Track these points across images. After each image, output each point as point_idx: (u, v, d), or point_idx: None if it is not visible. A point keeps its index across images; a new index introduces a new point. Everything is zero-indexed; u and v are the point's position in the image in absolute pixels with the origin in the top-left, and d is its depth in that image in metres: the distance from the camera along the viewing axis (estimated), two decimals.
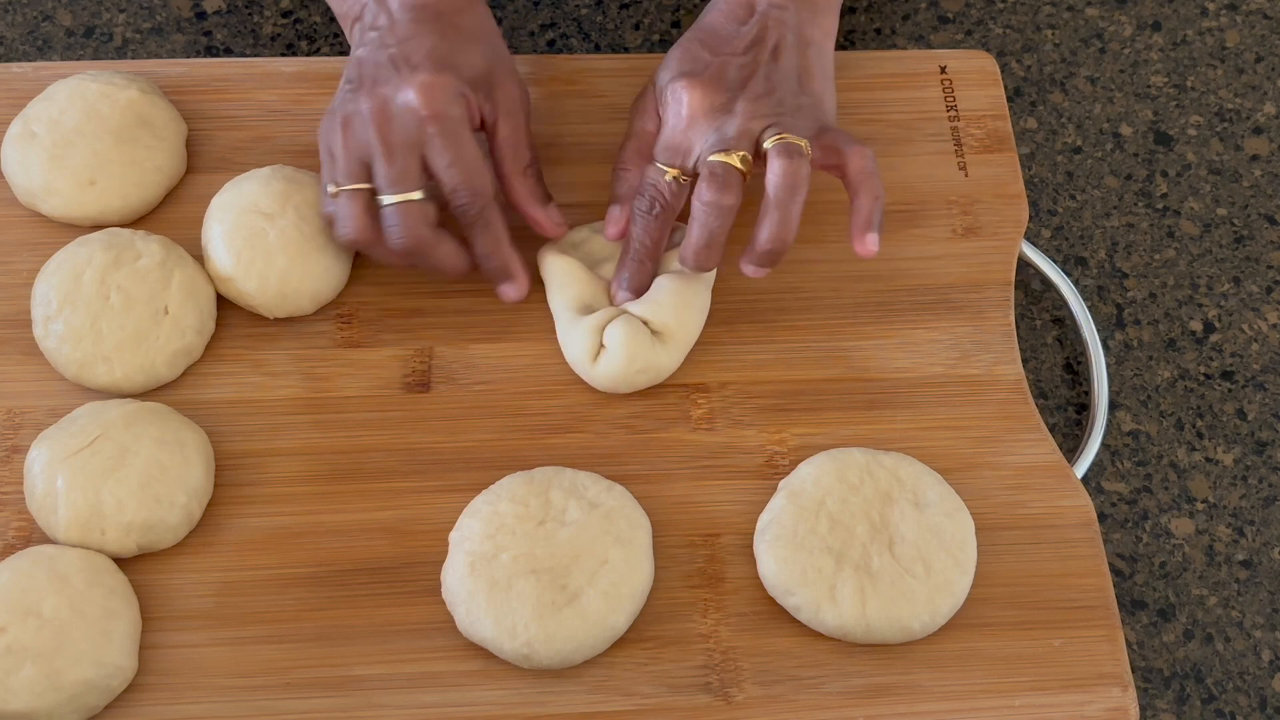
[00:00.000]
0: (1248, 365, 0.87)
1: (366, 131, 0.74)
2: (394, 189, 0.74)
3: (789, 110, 0.76)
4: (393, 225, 0.75)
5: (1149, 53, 0.98)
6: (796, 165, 0.74)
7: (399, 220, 0.75)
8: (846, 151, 0.76)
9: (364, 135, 0.75)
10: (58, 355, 0.77)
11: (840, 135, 0.77)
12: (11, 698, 0.68)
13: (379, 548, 0.75)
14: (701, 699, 0.71)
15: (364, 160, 0.75)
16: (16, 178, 0.82)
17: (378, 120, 0.74)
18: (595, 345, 0.77)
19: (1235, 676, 0.78)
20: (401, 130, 0.74)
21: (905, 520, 0.74)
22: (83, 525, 0.72)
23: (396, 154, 0.74)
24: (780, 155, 0.74)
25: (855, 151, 0.76)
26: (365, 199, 0.75)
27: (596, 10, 0.98)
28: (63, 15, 0.95)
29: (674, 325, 0.78)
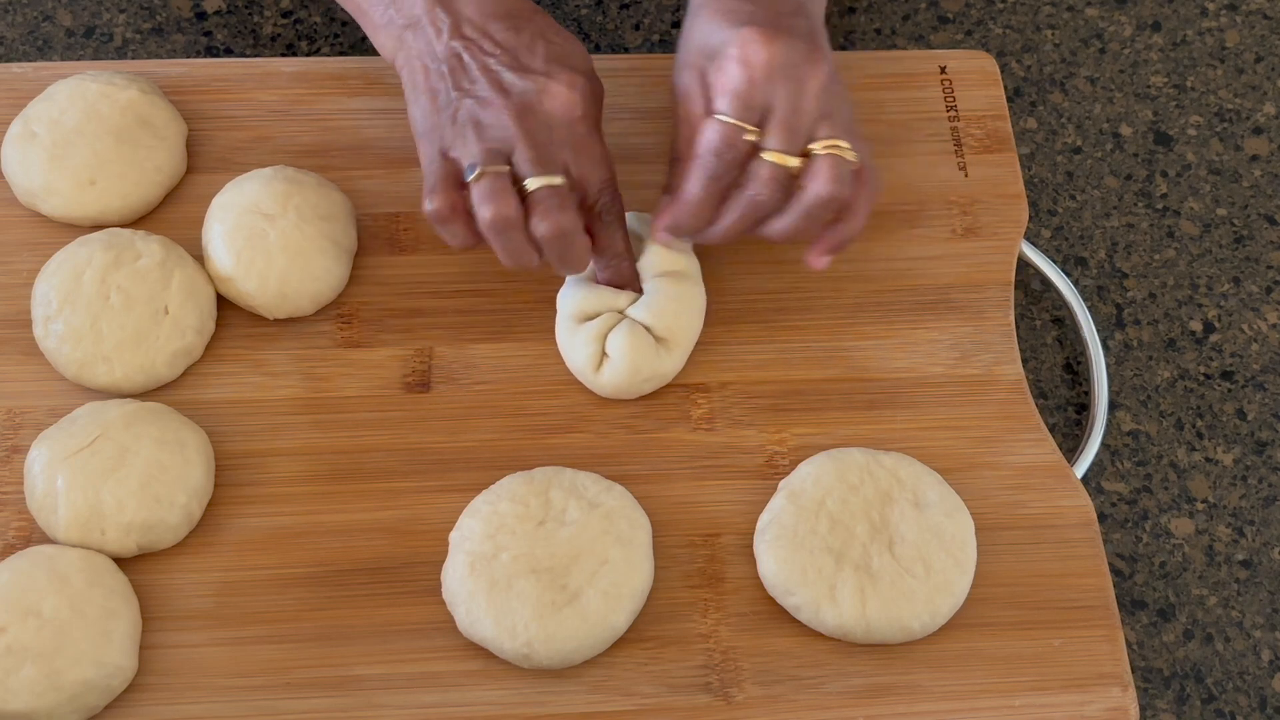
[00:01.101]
0: (1248, 365, 0.87)
1: (505, 127, 0.72)
2: (540, 171, 0.72)
3: (838, 94, 0.74)
4: (543, 207, 0.72)
5: (1149, 53, 0.98)
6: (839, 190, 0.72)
7: (553, 204, 0.72)
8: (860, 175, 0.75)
9: (502, 132, 0.72)
10: (58, 355, 0.77)
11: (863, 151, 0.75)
12: (11, 698, 0.68)
13: (379, 548, 0.75)
14: (701, 699, 0.71)
15: (502, 151, 0.73)
16: (16, 178, 0.82)
17: (518, 115, 0.72)
18: (598, 353, 0.77)
19: (1235, 676, 0.78)
20: (545, 126, 0.73)
21: (905, 520, 0.74)
22: (83, 525, 0.72)
23: (540, 142, 0.72)
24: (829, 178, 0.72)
25: (866, 179, 0.75)
26: (509, 181, 0.72)
27: (596, 10, 0.98)
28: (63, 15, 0.95)
29: (676, 330, 0.78)
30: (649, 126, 0.87)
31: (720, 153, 0.73)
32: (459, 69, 0.74)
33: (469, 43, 0.74)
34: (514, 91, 0.73)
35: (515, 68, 0.73)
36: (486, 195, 0.72)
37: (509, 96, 0.73)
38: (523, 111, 0.72)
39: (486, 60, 0.74)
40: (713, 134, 0.73)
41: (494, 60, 0.74)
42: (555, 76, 0.73)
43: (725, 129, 0.72)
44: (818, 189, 0.72)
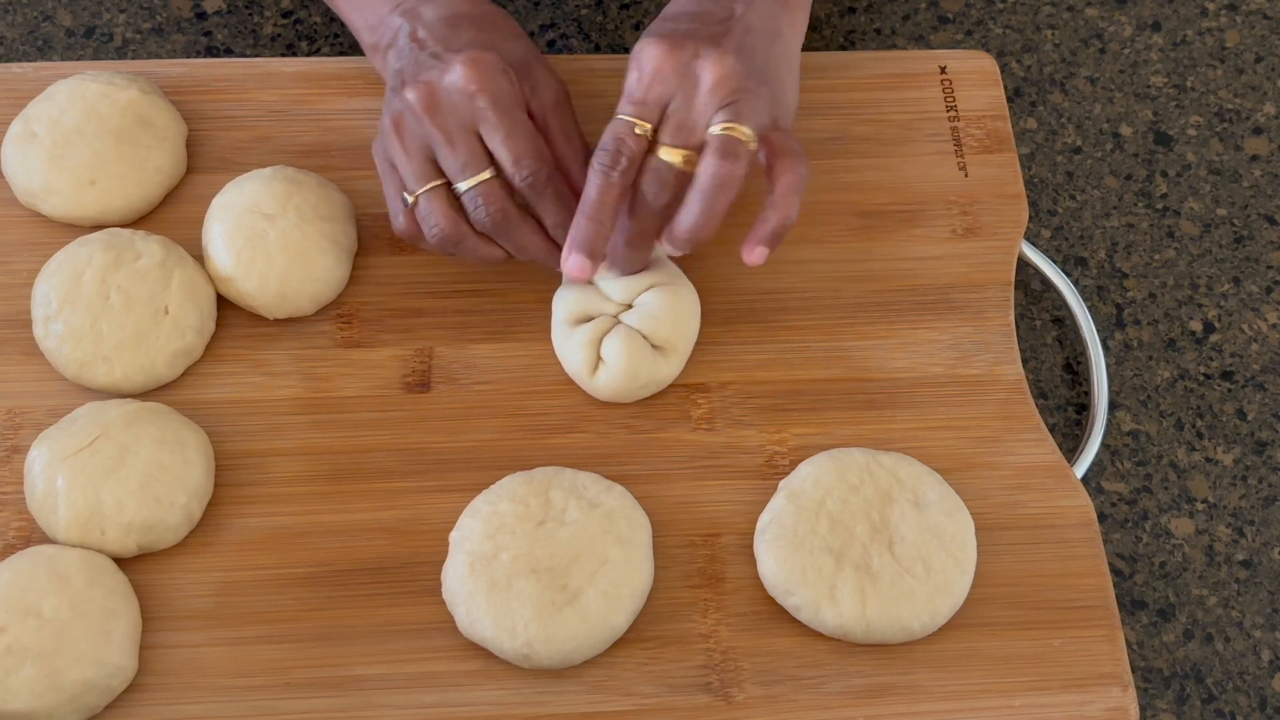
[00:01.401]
0: (1248, 365, 0.87)
1: (420, 125, 0.74)
2: (467, 173, 0.74)
3: (749, 88, 0.74)
4: (477, 208, 0.74)
5: (1149, 53, 0.98)
6: (729, 166, 0.72)
7: (482, 200, 0.74)
8: (784, 159, 0.74)
9: (419, 129, 0.74)
10: (58, 355, 0.77)
11: (786, 140, 0.75)
12: (11, 698, 0.68)
13: (379, 548, 0.75)
14: (701, 699, 0.71)
15: (427, 156, 0.75)
16: (16, 178, 0.82)
17: (428, 108, 0.74)
18: (592, 357, 0.77)
19: (1235, 676, 0.78)
20: (454, 112, 0.74)
21: (905, 520, 0.74)
22: (83, 525, 0.72)
23: (457, 138, 0.74)
24: (716, 153, 0.72)
25: (790, 165, 0.74)
26: (445, 194, 0.75)
27: (596, 10, 0.98)
28: (63, 15, 0.95)
29: (674, 337, 0.77)
30: None
31: (609, 147, 0.73)
32: (399, 71, 0.76)
33: (415, 45, 0.77)
34: (421, 75, 0.74)
35: (434, 54, 0.75)
36: (426, 217, 0.75)
37: (416, 82, 0.74)
38: (429, 97, 0.74)
39: (419, 55, 0.76)
40: (606, 134, 0.74)
41: (424, 53, 0.76)
42: (462, 53, 0.74)
43: (616, 125, 0.74)
44: (705, 167, 0.72)
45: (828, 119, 0.87)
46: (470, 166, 0.74)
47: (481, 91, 0.73)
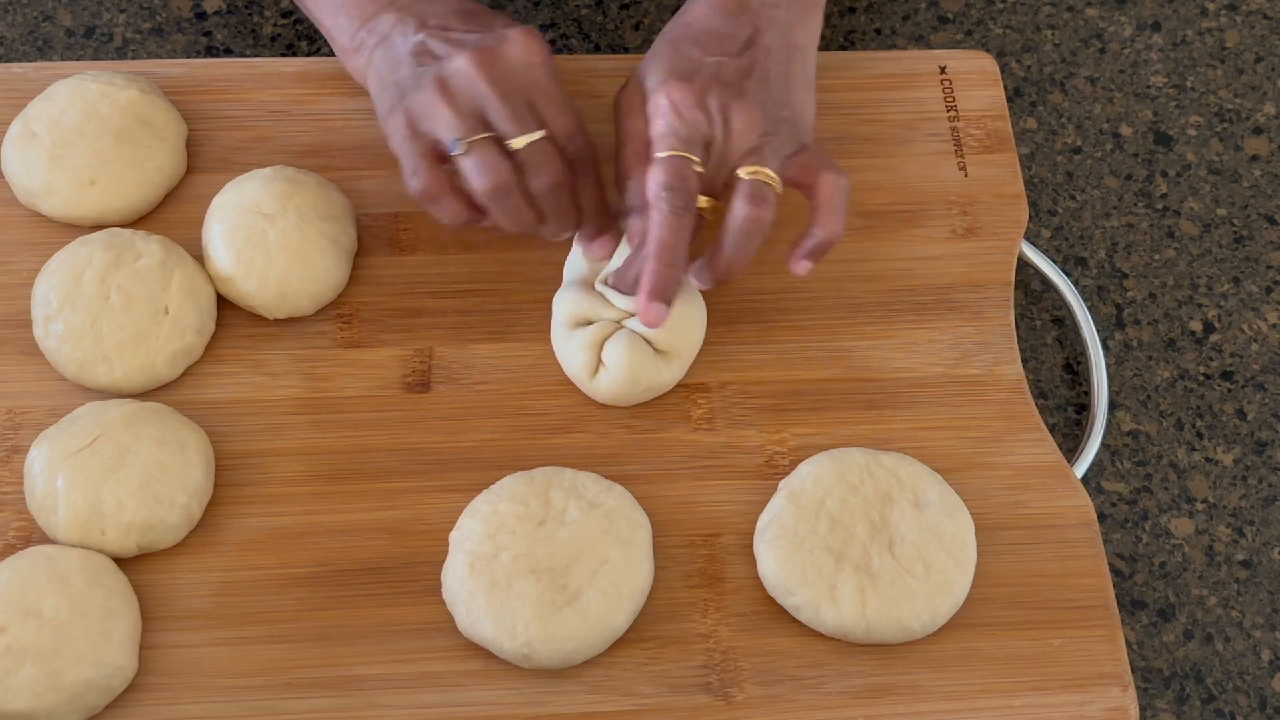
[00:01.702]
0: (1248, 365, 0.87)
1: (474, 86, 0.72)
2: (521, 128, 0.72)
3: (771, 129, 0.75)
4: (536, 165, 0.73)
5: (1149, 53, 0.98)
6: (761, 212, 0.73)
7: (541, 158, 0.73)
8: (822, 175, 0.75)
9: (471, 90, 0.73)
10: (58, 355, 0.77)
11: (818, 158, 0.76)
12: (11, 698, 0.68)
13: (379, 548, 0.75)
14: (701, 699, 0.71)
15: (477, 114, 0.73)
16: (16, 178, 0.82)
17: (484, 70, 0.72)
18: (593, 361, 0.77)
19: (1235, 676, 0.78)
20: (511, 77, 0.73)
21: (905, 520, 0.74)
22: (83, 525, 0.72)
23: (513, 99, 0.73)
24: (748, 199, 0.73)
25: (830, 179, 0.75)
26: (496, 145, 0.73)
27: (596, 10, 0.98)
28: (63, 15, 0.95)
29: (680, 344, 0.78)
30: None
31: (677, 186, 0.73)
32: (423, 51, 0.75)
33: (432, 30, 0.75)
34: (472, 46, 0.73)
35: (474, 31, 0.75)
36: (479, 167, 0.73)
37: (467, 48, 0.73)
38: (485, 60, 0.73)
39: (449, 34, 0.75)
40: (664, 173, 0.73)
41: (455, 34, 0.75)
42: (513, 29, 0.74)
43: (676, 163, 0.73)
44: (736, 212, 0.73)
45: (828, 119, 0.87)
46: (527, 123, 0.72)
47: (542, 64, 0.73)
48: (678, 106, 0.74)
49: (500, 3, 0.97)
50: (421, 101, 0.73)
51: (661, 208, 0.73)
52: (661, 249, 0.73)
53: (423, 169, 0.74)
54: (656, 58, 0.78)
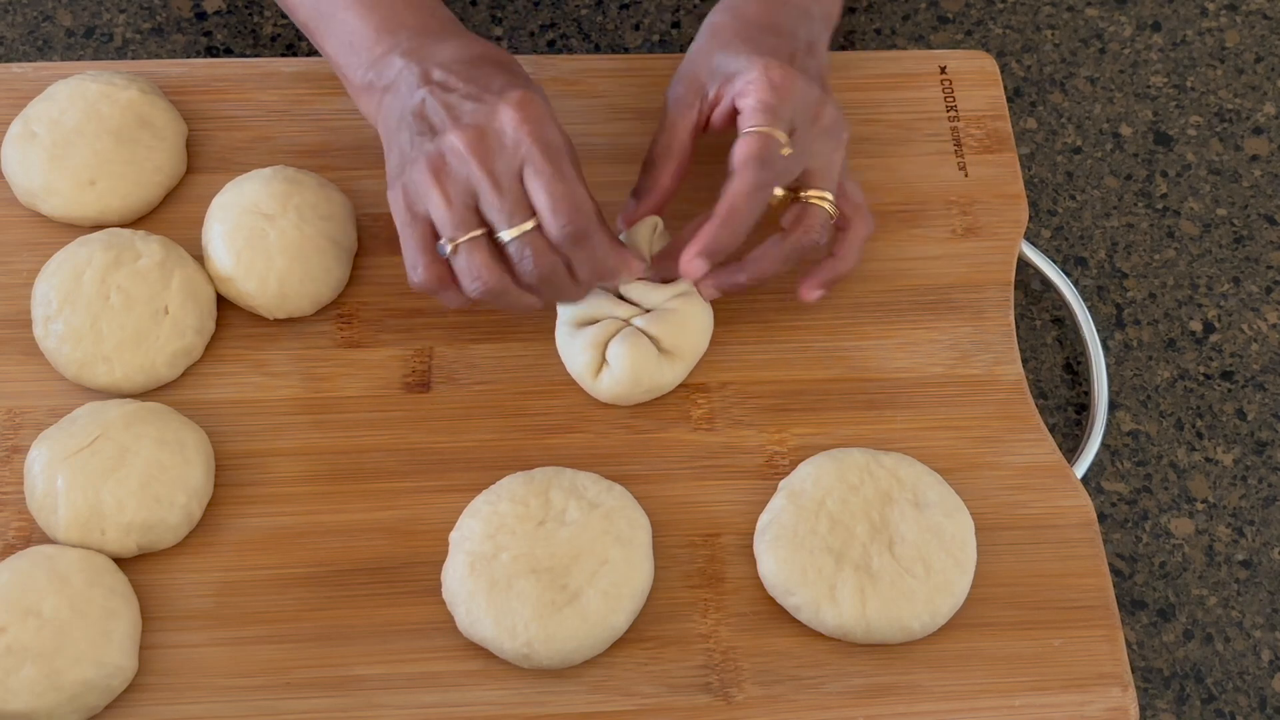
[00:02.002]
0: (1248, 365, 0.87)
1: (466, 167, 0.70)
2: (513, 221, 0.70)
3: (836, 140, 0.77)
4: (524, 259, 0.71)
5: (1149, 53, 0.98)
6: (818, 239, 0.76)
7: (530, 251, 0.71)
8: (855, 217, 0.78)
9: (463, 172, 0.70)
10: (58, 355, 0.77)
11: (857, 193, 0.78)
12: (11, 698, 0.68)
13: (379, 548, 0.75)
14: (701, 699, 0.71)
15: (469, 203, 0.71)
16: (16, 178, 0.82)
17: (476, 150, 0.70)
18: (596, 360, 0.77)
19: (1235, 676, 0.78)
20: (503, 155, 0.70)
21: (905, 520, 0.74)
22: (83, 525, 0.72)
23: (504, 183, 0.70)
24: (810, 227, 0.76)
25: (860, 220, 0.78)
26: (487, 244, 0.71)
27: (596, 10, 0.98)
28: (63, 15, 0.95)
29: (684, 345, 0.77)
30: (649, 126, 0.86)
31: (766, 160, 0.73)
32: (421, 115, 0.72)
33: (433, 87, 0.73)
34: (466, 118, 0.71)
35: (470, 98, 0.72)
36: (468, 270, 0.71)
37: (461, 125, 0.71)
38: (477, 140, 0.70)
39: (447, 98, 0.72)
40: (754, 145, 0.73)
41: (454, 95, 0.72)
42: (507, 94, 0.71)
43: (767, 140, 0.73)
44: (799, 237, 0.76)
45: None
46: (517, 214, 0.70)
47: (533, 136, 0.70)
48: (777, 85, 0.74)
49: (501, 2, 0.98)
50: (417, 182, 0.72)
51: (746, 177, 0.73)
52: (731, 214, 0.73)
53: (421, 264, 0.73)
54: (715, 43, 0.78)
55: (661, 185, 0.78)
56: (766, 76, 0.74)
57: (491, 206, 0.71)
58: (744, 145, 0.74)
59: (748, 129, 0.74)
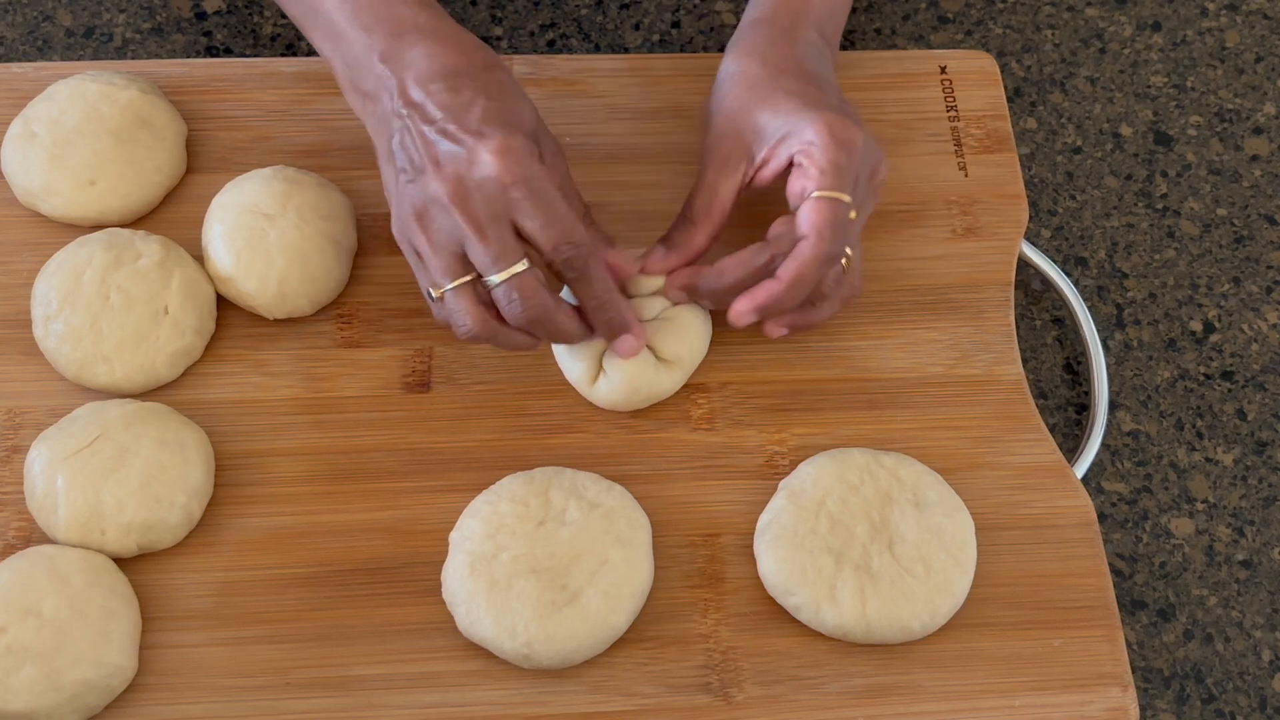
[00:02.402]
0: (1248, 365, 0.87)
1: (448, 217, 0.69)
2: (499, 266, 0.69)
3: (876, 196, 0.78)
4: (512, 303, 0.70)
5: (1149, 53, 0.98)
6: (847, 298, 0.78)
7: (517, 295, 0.70)
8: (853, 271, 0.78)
9: (446, 223, 0.69)
10: (58, 355, 0.77)
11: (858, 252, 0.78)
12: (11, 698, 0.68)
13: (379, 548, 0.75)
14: (701, 699, 0.71)
15: (455, 251, 0.70)
16: (16, 178, 0.82)
17: (457, 201, 0.69)
18: (594, 368, 0.77)
19: (1235, 676, 0.78)
20: (486, 204, 0.69)
21: (905, 520, 0.74)
22: (83, 525, 0.72)
23: (489, 230, 0.69)
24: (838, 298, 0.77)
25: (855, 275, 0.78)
26: (472, 290, 0.71)
27: (596, 10, 0.98)
28: (63, 15, 0.95)
29: (682, 354, 0.77)
30: (649, 126, 0.87)
31: (839, 233, 0.73)
32: (403, 144, 0.71)
33: (412, 108, 0.71)
34: (445, 164, 0.69)
35: (448, 135, 0.70)
36: (456, 316, 0.71)
37: (442, 172, 0.69)
38: (458, 190, 0.69)
39: (424, 129, 0.70)
40: (826, 212, 0.72)
41: (431, 129, 0.70)
42: (486, 139, 0.69)
43: (840, 208, 0.73)
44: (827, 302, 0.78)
45: None
46: (503, 259, 0.69)
47: (516, 183, 0.69)
48: (843, 143, 0.73)
49: (501, 2, 0.97)
50: (405, 223, 0.71)
51: (820, 247, 0.73)
52: (797, 281, 0.73)
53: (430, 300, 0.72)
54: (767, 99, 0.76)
55: (695, 245, 0.77)
56: (832, 136, 0.73)
57: (476, 253, 0.69)
58: (816, 211, 0.73)
59: (819, 193, 0.73)
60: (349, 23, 0.74)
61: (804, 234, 0.73)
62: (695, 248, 0.77)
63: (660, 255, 0.77)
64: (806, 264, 0.73)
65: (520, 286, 0.70)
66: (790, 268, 0.73)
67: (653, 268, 0.77)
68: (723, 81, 0.79)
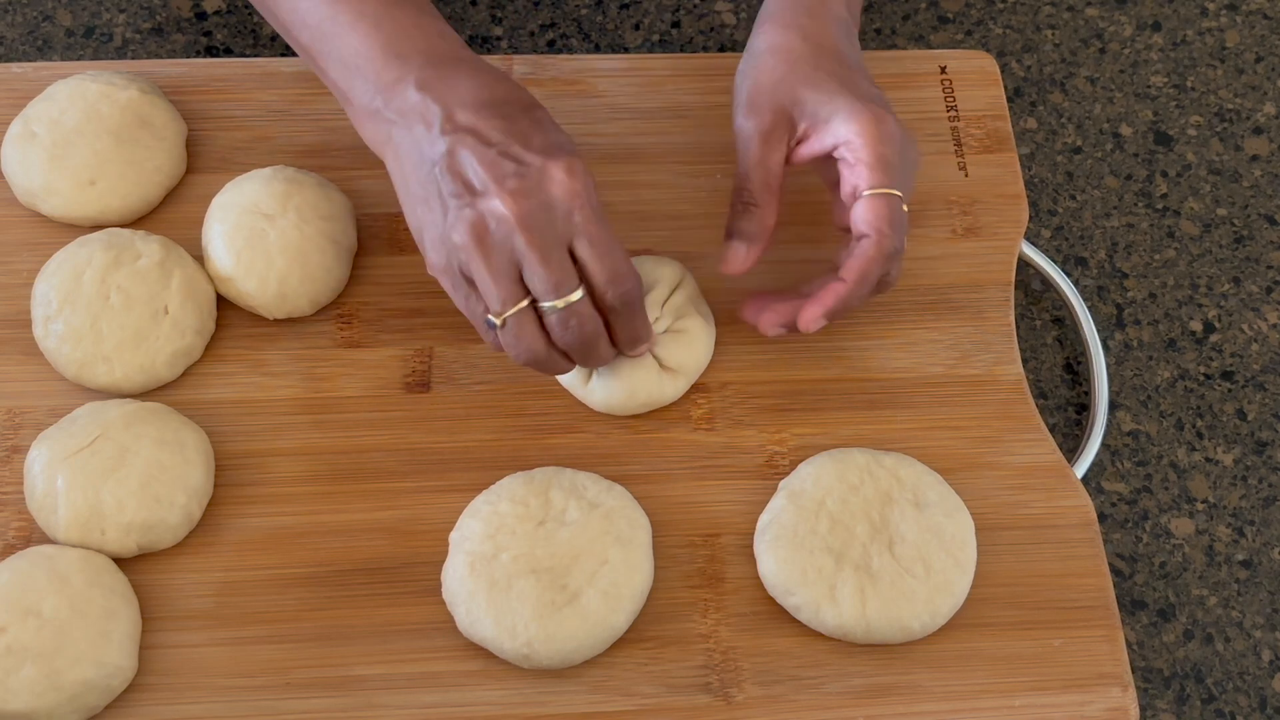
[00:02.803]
0: (1248, 365, 0.87)
1: (511, 239, 0.67)
2: (558, 293, 0.68)
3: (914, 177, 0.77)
4: (568, 330, 0.69)
5: (1149, 53, 0.98)
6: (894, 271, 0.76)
7: (576, 321, 0.69)
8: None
9: (508, 244, 0.67)
10: (58, 355, 0.77)
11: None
12: (11, 698, 0.68)
13: (379, 548, 0.75)
14: (701, 699, 0.71)
15: (514, 275, 0.68)
16: (16, 178, 0.82)
17: (525, 223, 0.67)
18: (586, 374, 0.77)
19: (1235, 676, 0.78)
20: (550, 226, 0.67)
21: (905, 520, 0.74)
22: (83, 525, 0.72)
23: (552, 254, 0.68)
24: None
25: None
26: (533, 315, 0.69)
27: (596, 10, 0.98)
28: (63, 15, 0.95)
29: (689, 364, 0.77)
30: (649, 126, 0.87)
31: (900, 231, 0.73)
32: (455, 168, 0.69)
33: (462, 135, 0.69)
34: (511, 183, 0.68)
35: (510, 155, 0.68)
36: (514, 341, 0.70)
37: (506, 188, 0.67)
38: (524, 210, 0.67)
39: (485, 153, 0.68)
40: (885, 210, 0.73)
41: (492, 152, 0.68)
42: (554, 159, 0.68)
43: (896, 206, 0.73)
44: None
45: None
46: (564, 285, 0.68)
47: (584, 207, 0.68)
48: (891, 138, 0.74)
49: (501, 2, 0.98)
50: (459, 247, 0.68)
51: (883, 244, 0.73)
52: (862, 280, 0.73)
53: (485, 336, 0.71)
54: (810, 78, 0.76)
55: (767, 226, 0.76)
56: (878, 129, 0.73)
57: (537, 277, 0.68)
58: (875, 208, 0.73)
59: (874, 189, 0.73)
60: (381, 50, 0.71)
61: (864, 233, 0.73)
62: (768, 229, 0.76)
63: (742, 252, 0.76)
64: (872, 262, 0.73)
65: (579, 313, 0.69)
66: (855, 267, 0.73)
67: (738, 268, 0.76)
68: (760, 54, 0.78)
